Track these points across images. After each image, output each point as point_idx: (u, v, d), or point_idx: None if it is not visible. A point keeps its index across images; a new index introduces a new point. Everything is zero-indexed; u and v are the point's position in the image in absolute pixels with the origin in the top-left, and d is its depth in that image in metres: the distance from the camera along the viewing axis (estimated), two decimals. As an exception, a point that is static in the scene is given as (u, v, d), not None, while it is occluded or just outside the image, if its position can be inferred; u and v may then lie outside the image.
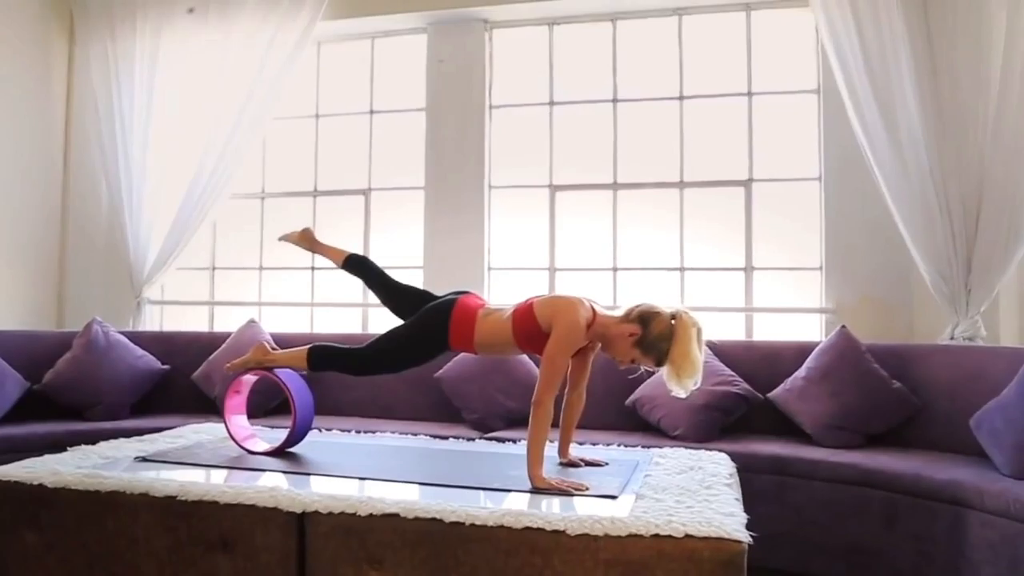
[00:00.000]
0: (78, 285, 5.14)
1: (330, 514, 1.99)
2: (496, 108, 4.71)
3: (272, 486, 2.12)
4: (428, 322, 2.54)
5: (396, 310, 2.75)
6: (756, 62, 4.39)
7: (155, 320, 5.06)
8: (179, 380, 4.23)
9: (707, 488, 2.23)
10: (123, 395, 4.04)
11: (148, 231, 4.86)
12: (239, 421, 2.81)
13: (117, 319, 4.78)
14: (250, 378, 2.83)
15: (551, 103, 4.68)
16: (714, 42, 4.46)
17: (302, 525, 2.02)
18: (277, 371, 2.73)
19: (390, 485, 2.28)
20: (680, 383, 2.27)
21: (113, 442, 2.86)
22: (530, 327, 2.39)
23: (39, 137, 5.03)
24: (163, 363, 4.24)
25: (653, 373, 2.43)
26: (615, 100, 4.59)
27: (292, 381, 2.74)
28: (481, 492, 2.19)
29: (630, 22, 4.57)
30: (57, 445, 2.86)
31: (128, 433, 3.29)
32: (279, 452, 2.68)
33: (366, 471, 2.41)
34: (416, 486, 2.27)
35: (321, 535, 2.00)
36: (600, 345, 2.45)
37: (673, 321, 2.30)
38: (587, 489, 2.19)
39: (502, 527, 1.87)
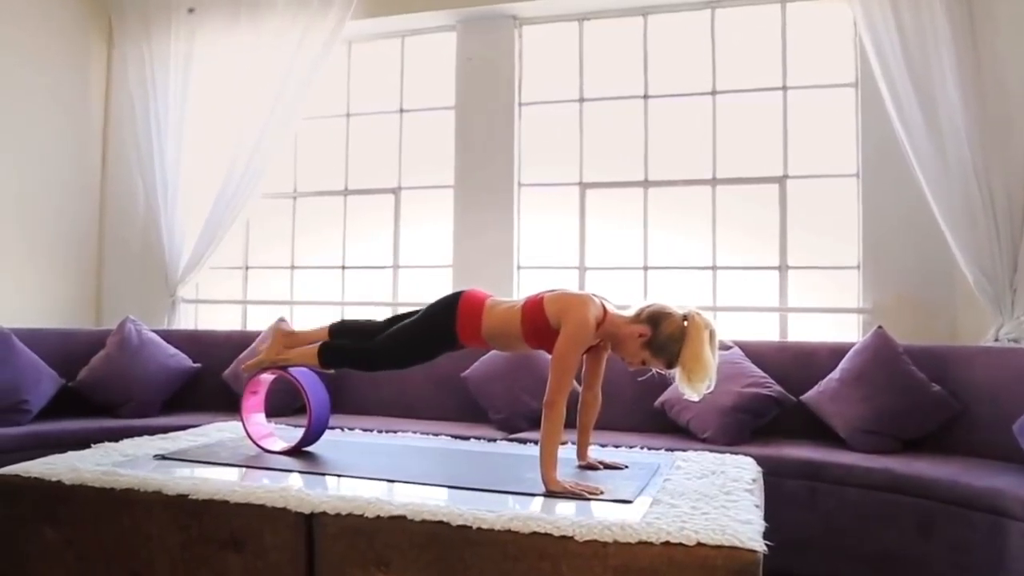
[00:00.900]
0: (115, 284, 5.23)
1: (338, 515, 1.98)
2: (525, 105, 4.67)
3: (282, 486, 2.11)
4: (435, 317, 2.52)
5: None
6: (791, 56, 4.27)
7: (189, 319, 5.13)
8: (210, 378, 4.27)
9: (726, 494, 2.16)
10: (154, 393, 4.09)
11: (182, 231, 4.93)
12: (257, 419, 2.82)
13: (152, 318, 4.87)
14: (267, 377, 2.84)
15: (581, 100, 4.62)
16: (748, 36, 4.35)
17: (311, 525, 2.01)
18: (293, 370, 2.73)
19: (401, 486, 2.27)
20: (692, 386, 2.21)
21: (136, 440, 2.88)
22: (539, 322, 2.35)
23: (78, 139, 5.13)
24: (195, 361, 4.28)
25: (665, 376, 2.36)
26: (646, 96, 4.51)
27: (307, 380, 2.73)
28: (494, 495, 2.16)
29: (661, 16, 4.49)
30: (87, 442, 2.89)
31: (156, 430, 3.30)
32: (295, 451, 2.67)
33: (379, 472, 2.40)
34: (428, 487, 2.25)
35: (329, 536, 1.99)
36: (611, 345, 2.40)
37: (685, 322, 2.24)
38: (601, 493, 2.13)
39: (509, 531, 1.83)
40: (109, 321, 5.00)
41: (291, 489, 2.08)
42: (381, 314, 4.75)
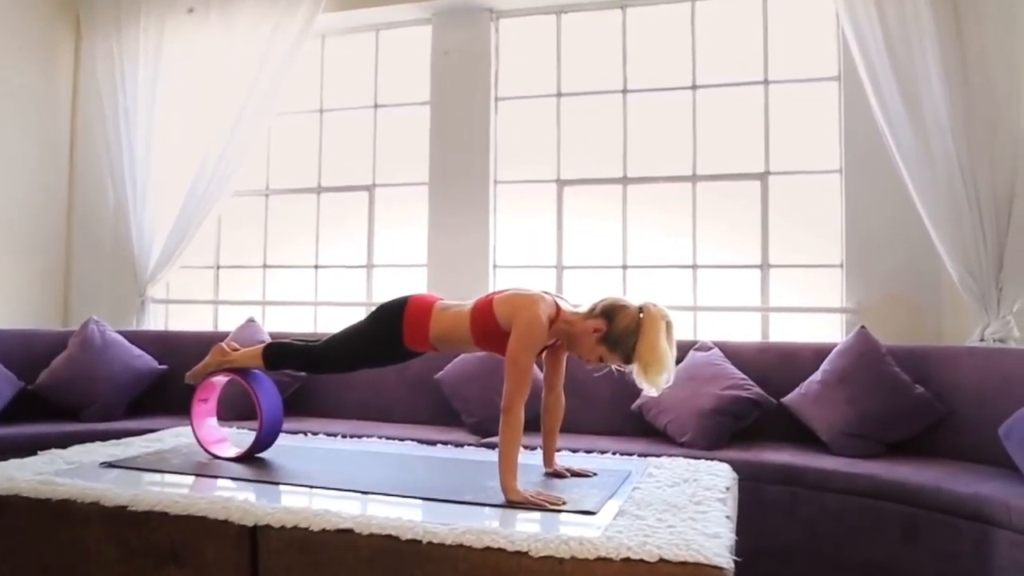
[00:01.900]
0: (84, 284, 5.10)
1: (282, 528, 1.87)
2: (502, 100, 4.57)
3: (226, 497, 2.00)
4: (382, 319, 2.42)
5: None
6: (773, 49, 4.17)
7: (160, 319, 5.01)
8: (177, 380, 4.09)
9: (696, 504, 2.05)
10: (118, 395, 3.97)
11: (152, 229, 4.81)
12: (209, 424, 2.71)
13: (122, 318, 4.76)
14: (219, 380, 2.72)
15: (559, 94, 4.52)
16: (728, 28, 4.25)
17: (255, 539, 1.90)
18: (246, 373, 2.61)
19: (353, 497, 2.15)
20: (650, 380, 2.12)
21: (86, 446, 2.77)
22: (488, 324, 2.24)
23: (46, 135, 5.00)
24: (161, 363, 4.17)
25: (624, 372, 2.26)
26: (625, 91, 4.41)
27: (259, 383, 2.62)
28: (451, 505, 2.04)
29: (640, 9, 4.39)
30: (45, 446, 2.77)
31: (118, 435, 3.26)
32: (248, 458, 2.56)
33: (333, 481, 2.28)
34: (381, 498, 2.13)
35: (273, 551, 1.88)
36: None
37: (640, 314, 2.14)
38: (564, 503, 2.02)
39: (461, 546, 1.72)
40: (77, 322, 4.84)
41: (234, 500, 1.97)
42: (355, 315, 4.71)
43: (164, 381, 4.14)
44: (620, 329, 2.14)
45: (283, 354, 2.58)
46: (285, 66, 4.57)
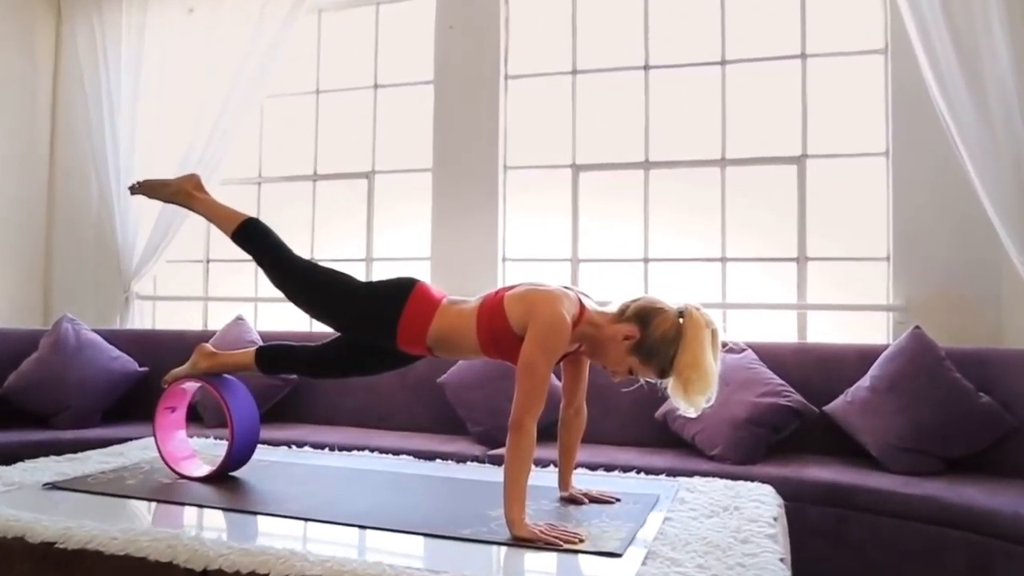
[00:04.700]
0: (66, 279, 4.82)
1: (237, 574, 1.52)
2: (512, 79, 4.24)
3: (172, 534, 1.64)
4: (381, 295, 2.08)
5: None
6: (811, 19, 3.82)
7: (146, 317, 4.71)
8: (158, 384, 3.81)
9: (743, 543, 1.70)
10: (94, 401, 3.68)
11: (136, 220, 4.52)
12: (177, 438, 2.38)
13: (107, 316, 4.48)
14: (191, 386, 2.39)
15: (574, 72, 4.19)
16: (762, -3, 3.92)
17: (205, 586, 1.56)
18: (218, 379, 2.29)
19: (330, 531, 1.80)
20: (689, 399, 1.79)
21: (36, 462, 2.46)
22: (499, 327, 1.89)
23: (24, 120, 4.73)
24: (141, 365, 3.86)
25: (656, 387, 1.91)
26: (647, 67, 4.07)
27: (230, 390, 2.28)
28: (444, 542, 1.70)
29: (664, -23, 4.05)
30: (9, 458, 2.48)
31: (91, 444, 2.99)
32: (216, 478, 2.22)
33: (310, 508, 1.94)
34: (363, 533, 1.78)
35: (225, 601, 1.53)
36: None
37: (680, 320, 1.79)
38: (581, 541, 1.67)
39: (453, 603, 1.37)
40: (58, 320, 4.59)
41: (182, 538, 1.62)
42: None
43: (144, 385, 3.81)
44: (656, 337, 1.79)
45: (276, 356, 2.29)
46: (277, 44, 4.28)
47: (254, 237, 2.27)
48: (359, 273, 4.37)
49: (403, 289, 2.05)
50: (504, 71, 4.21)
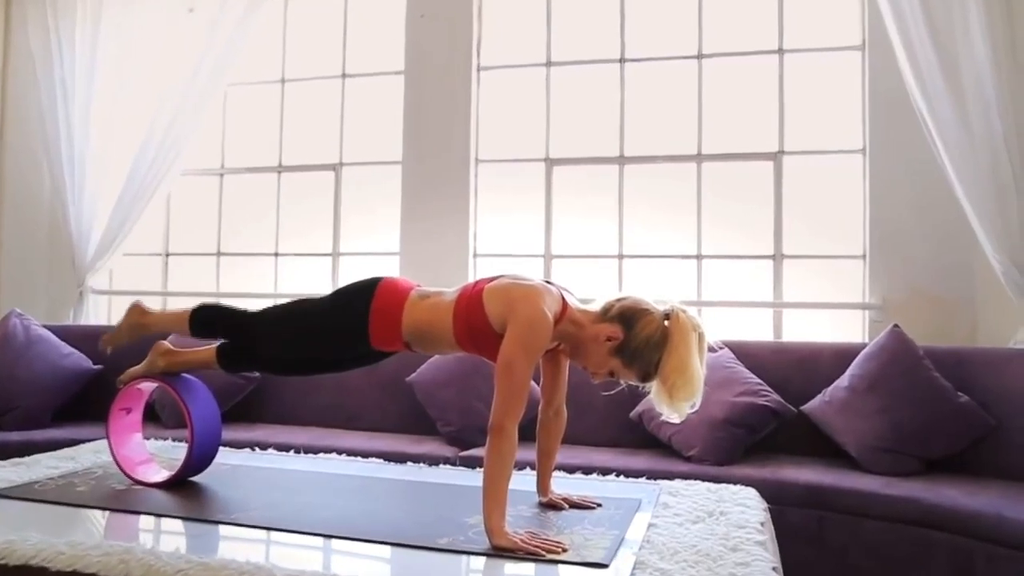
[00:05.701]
0: (15, 272, 4.63)
1: (195, 591, 1.41)
2: (485, 70, 4.14)
3: (124, 547, 1.52)
4: (343, 305, 1.98)
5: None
6: (789, 14, 3.78)
7: (101, 313, 4.52)
8: (113, 383, 3.65)
9: (733, 551, 1.64)
10: (44, 400, 3.51)
11: (91, 211, 4.34)
12: (133, 441, 2.25)
13: (59, 312, 4.30)
14: (148, 386, 2.27)
15: (548, 64, 4.10)
16: (739, -9, 3.87)
17: (160, 604, 1.44)
18: (176, 379, 2.16)
19: (298, 541, 1.69)
20: (673, 405, 1.72)
21: (-21, 466, 2.29)
22: (475, 321, 1.80)
23: (-28, 106, 4.52)
24: (95, 362, 3.68)
25: (637, 389, 1.84)
26: (622, 60, 4.00)
27: (190, 390, 2.16)
28: (416, 552, 1.60)
29: (641, -31, 3.98)
30: None
31: (40, 447, 2.86)
32: (175, 483, 2.09)
33: (276, 516, 1.83)
34: (329, 542, 1.68)
35: (183, 621, 1.42)
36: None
37: (666, 322, 1.73)
38: (565, 551, 1.59)
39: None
40: (6, 316, 4.39)
41: (136, 552, 1.50)
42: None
43: (98, 384, 3.64)
44: (641, 339, 1.72)
45: (236, 355, 2.15)
46: (241, 30, 4.13)
47: (207, 315, 2.20)
48: (325, 267, 4.30)
49: (367, 288, 1.96)
50: (477, 62, 4.11)
